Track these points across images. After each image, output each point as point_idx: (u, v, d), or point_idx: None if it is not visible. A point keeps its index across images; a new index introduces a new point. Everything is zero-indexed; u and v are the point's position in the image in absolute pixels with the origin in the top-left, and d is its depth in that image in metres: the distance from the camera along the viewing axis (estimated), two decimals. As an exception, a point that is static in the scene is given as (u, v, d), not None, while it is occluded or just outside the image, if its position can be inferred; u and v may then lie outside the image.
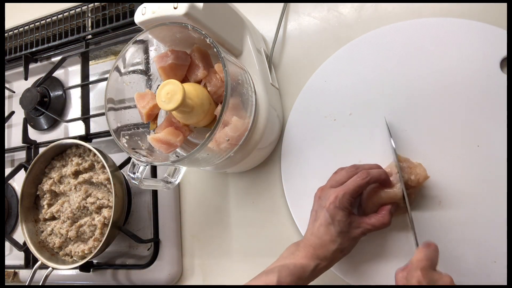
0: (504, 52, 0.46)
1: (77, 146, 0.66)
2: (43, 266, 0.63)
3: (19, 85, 0.84)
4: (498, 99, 0.46)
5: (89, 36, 0.74)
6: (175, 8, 0.42)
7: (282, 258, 0.45)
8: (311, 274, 0.43)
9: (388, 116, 0.50)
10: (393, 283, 0.47)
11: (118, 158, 0.66)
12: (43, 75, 0.77)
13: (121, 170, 0.64)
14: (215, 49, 0.42)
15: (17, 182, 0.79)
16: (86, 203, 0.62)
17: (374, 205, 0.47)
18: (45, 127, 0.78)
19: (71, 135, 0.75)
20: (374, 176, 0.44)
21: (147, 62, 0.50)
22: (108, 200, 0.62)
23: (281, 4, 0.60)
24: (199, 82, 0.47)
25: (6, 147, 0.82)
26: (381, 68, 0.52)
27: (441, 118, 0.48)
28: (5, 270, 0.75)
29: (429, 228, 0.46)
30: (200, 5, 0.43)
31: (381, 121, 0.51)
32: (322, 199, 0.45)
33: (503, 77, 0.46)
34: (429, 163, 0.47)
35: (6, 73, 0.85)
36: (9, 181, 0.78)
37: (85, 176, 0.64)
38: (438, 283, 0.37)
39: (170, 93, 0.40)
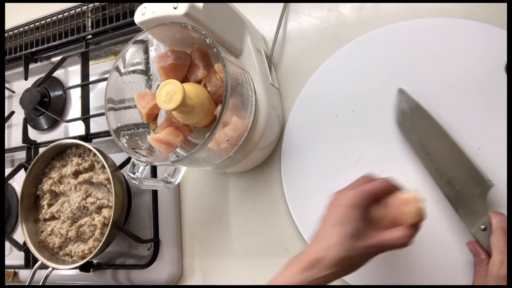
0: (504, 53, 0.46)
1: (77, 146, 0.66)
2: (43, 266, 0.63)
3: (19, 85, 0.84)
4: (499, 100, 0.46)
5: (89, 36, 0.74)
6: (175, 8, 0.42)
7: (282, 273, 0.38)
8: None
9: (390, 114, 0.50)
10: (392, 283, 0.48)
11: (118, 158, 0.66)
12: (43, 75, 0.77)
13: (121, 170, 0.63)
14: (215, 49, 0.42)
15: (17, 182, 0.79)
16: (86, 203, 0.62)
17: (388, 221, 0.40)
18: (45, 127, 0.78)
19: (71, 135, 0.75)
20: (394, 185, 0.40)
21: (147, 62, 0.50)
22: (108, 200, 0.62)
23: (281, 4, 0.60)
24: (199, 82, 0.47)
25: (6, 147, 0.82)
26: (382, 68, 0.52)
27: (442, 117, 0.48)
28: (5, 270, 0.75)
29: (427, 228, 0.46)
30: (200, 5, 0.43)
31: (383, 120, 0.51)
32: (337, 199, 0.40)
33: (504, 77, 0.46)
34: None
35: (6, 73, 0.85)
36: (9, 181, 0.78)
37: (85, 176, 0.64)
38: None
39: (170, 93, 0.41)
